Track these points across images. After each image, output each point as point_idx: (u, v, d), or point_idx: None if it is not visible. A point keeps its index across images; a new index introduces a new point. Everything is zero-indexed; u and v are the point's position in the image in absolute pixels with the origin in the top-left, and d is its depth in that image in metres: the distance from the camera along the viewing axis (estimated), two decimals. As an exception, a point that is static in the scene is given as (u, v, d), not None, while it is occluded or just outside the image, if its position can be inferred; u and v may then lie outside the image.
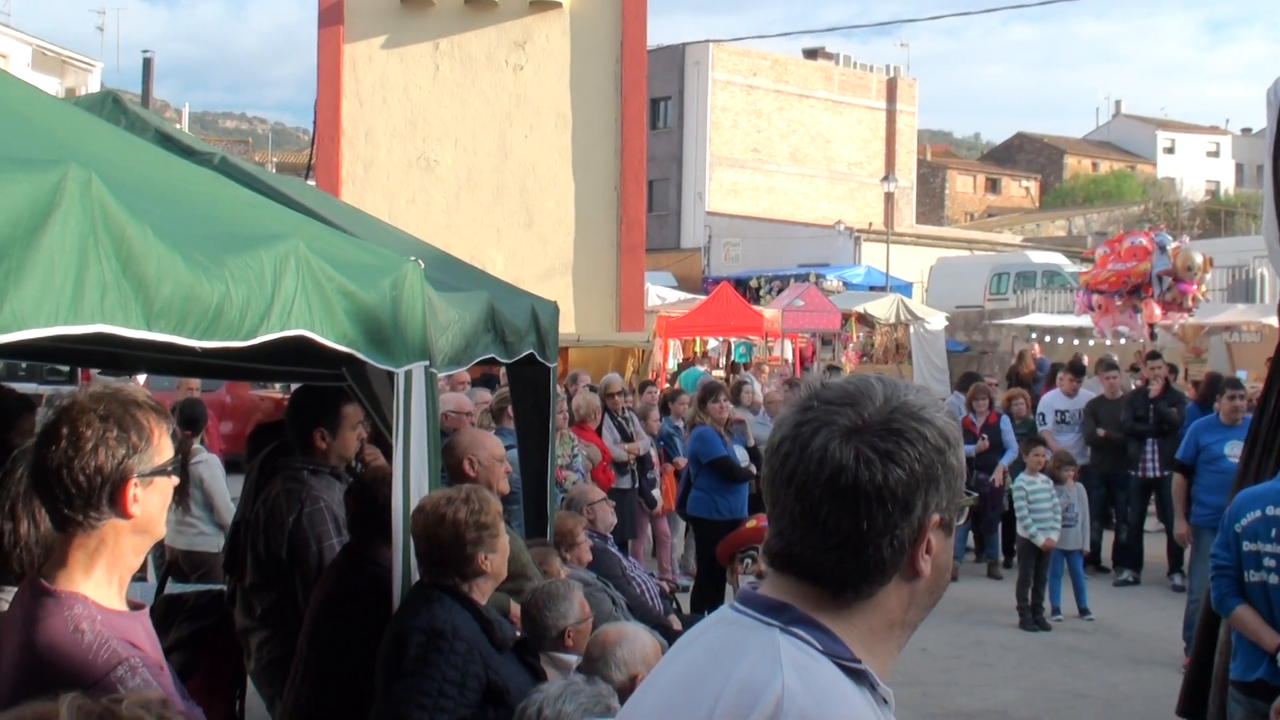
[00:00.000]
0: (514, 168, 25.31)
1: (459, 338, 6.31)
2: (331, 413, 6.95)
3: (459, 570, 5.41)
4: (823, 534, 2.22)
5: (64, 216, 2.90)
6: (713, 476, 14.05)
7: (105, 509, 3.36)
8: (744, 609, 2.34)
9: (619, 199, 25.49)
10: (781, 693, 2.12)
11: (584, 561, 9.01)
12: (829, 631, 2.25)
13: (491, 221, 24.55)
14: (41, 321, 2.84)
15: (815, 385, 2.34)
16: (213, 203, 4.77)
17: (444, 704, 5.12)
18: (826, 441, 2.21)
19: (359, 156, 25.23)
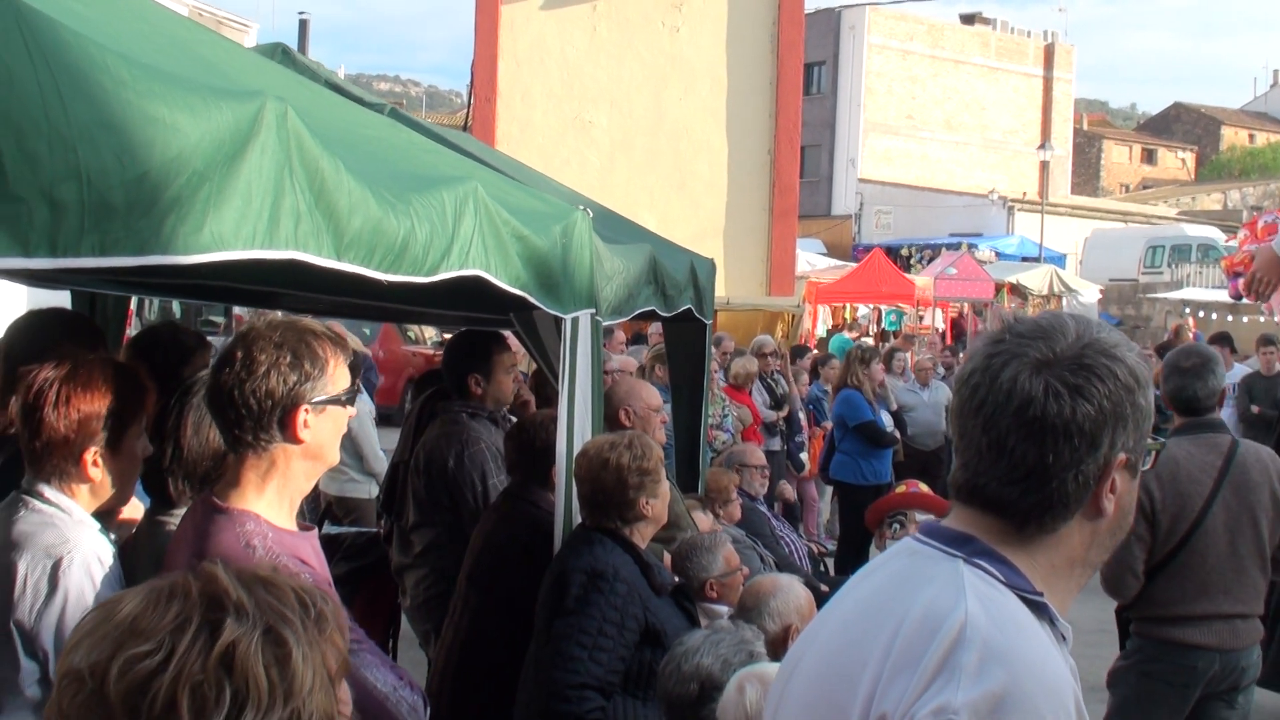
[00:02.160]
0: (668, 130, 25.28)
1: (623, 288, 6.38)
2: (485, 358, 7.08)
3: (620, 514, 5.49)
4: (1008, 466, 2.25)
5: (261, 146, 2.98)
6: (858, 440, 14.03)
7: (275, 433, 3.45)
8: (928, 540, 2.38)
9: (772, 163, 25.38)
10: (965, 620, 2.15)
11: (734, 519, 9.05)
12: (1011, 564, 2.27)
13: (645, 183, 24.56)
14: (239, 244, 2.92)
15: (1008, 319, 2.36)
16: (390, 146, 4.87)
17: (603, 643, 5.20)
18: (1016, 373, 2.24)
19: (515, 117, 25.34)
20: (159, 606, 1.86)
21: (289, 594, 1.94)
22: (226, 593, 1.88)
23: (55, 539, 3.61)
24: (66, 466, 3.73)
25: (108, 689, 1.79)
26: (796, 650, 2.52)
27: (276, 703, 1.81)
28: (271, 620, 1.87)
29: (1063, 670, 2.19)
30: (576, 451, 5.66)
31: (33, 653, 3.52)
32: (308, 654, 1.88)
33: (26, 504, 3.72)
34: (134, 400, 3.83)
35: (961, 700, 2.06)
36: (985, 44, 70.26)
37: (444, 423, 7.06)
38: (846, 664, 2.27)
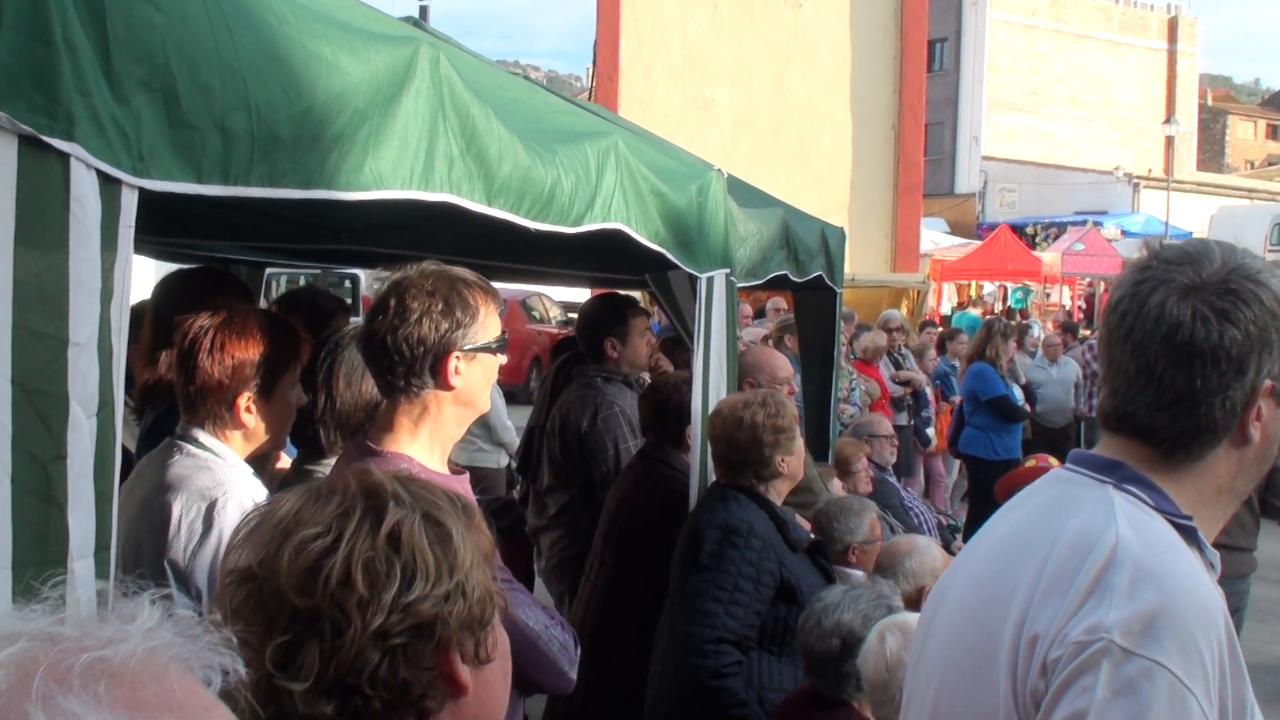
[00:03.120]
0: (791, 106, 25.22)
1: (756, 250, 6.40)
2: (621, 322, 7.12)
3: (756, 471, 5.50)
4: (1157, 392, 2.25)
5: (416, 89, 3.04)
6: (989, 415, 13.94)
7: (427, 378, 3.49)
8: (1077, 468, 2.39)
9: (896, 138, 25.26)
10: (1116, 542, 2.16)
11: (863, 490, 9.02)
12: (1160, 490, 2.28)
13: (767, 161, 24.49)
14: (398, 184, 2.98)
15: (1154, 246, 2.36)
16: (530, 105, 4.92)
17: (739, 598, 5.22)
18: (1164, 299, 2.24)
19: (636, 96, 25.37)
20: (319, 501, 1.97)
21: (436, 489, 2.06)
22: (383, 485, 1.99)
23: (210, 482, 3.68)
24: (220, 412, 3.80)
25: (279, 577, 1.89)
26: (945, 580, 2.55)
27: (443, 575, 1.92)
28: (427, 506, 1.98)
29: (1213, 592, 2.18)
30: (711, 411, 5.68)
31: (186, 591, 3.59)
32: (464, 535, 1.99)
33: (181, 448, 3.80)
34: (288, 349, 3.91)
35: (1114, 619, 2.07)
36: (1108, 18, 69.23)
37: (579, 386, 7.12)
38: (996, 590, 2.29)
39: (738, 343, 6.60)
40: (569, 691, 3.92)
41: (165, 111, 2.26)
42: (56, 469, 2.07)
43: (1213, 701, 2.06)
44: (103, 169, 2.11)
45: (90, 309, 2.09)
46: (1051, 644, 2.12)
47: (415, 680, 1.91)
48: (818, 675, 4.77)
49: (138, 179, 2.22)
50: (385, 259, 7.41)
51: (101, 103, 2.10)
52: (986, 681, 2.23)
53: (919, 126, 25.84)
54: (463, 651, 1.97)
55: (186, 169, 2.34)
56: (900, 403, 14.84)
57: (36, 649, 1.03)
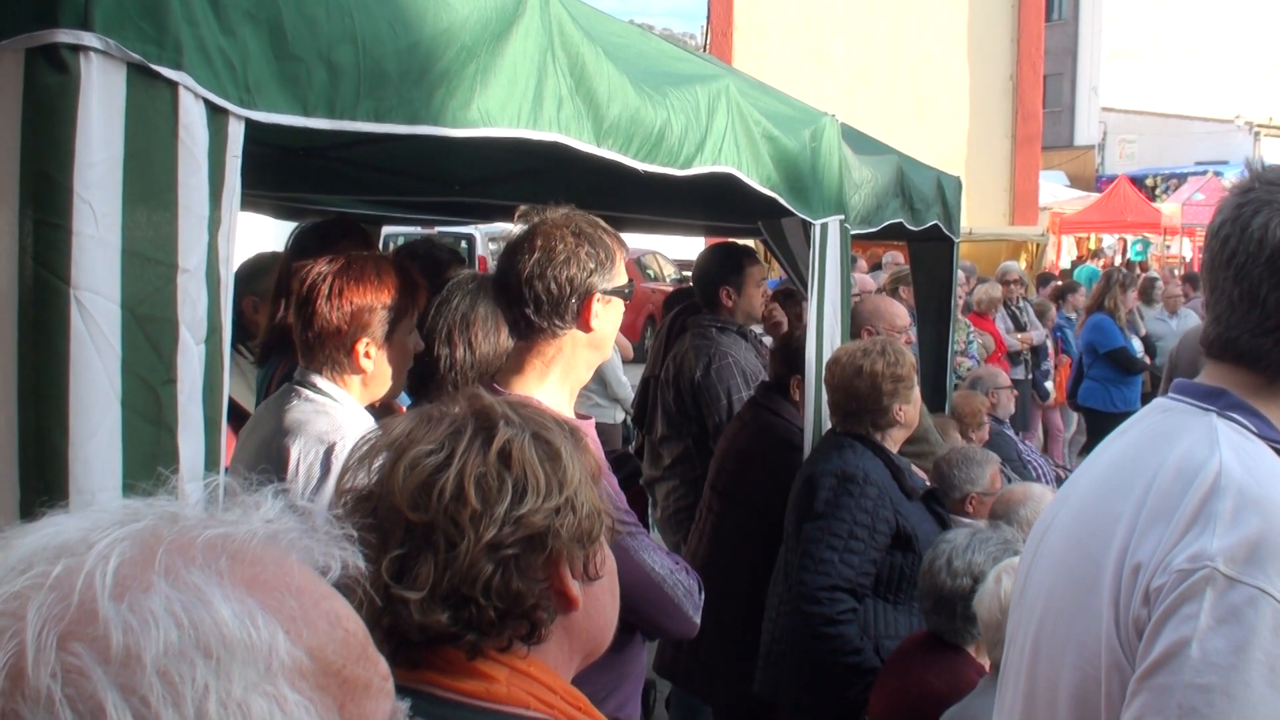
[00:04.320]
0: (907, 58, 25.03)
1: (871, 197, 6.34)
2: (737, 270, 7.08)
3: (873, 420, 5.46)
4: (1261, 316, 2.20)
5: (525, 28, 3.03)
6: (1108, 367, 13.80)
7: (569, 319, 3.51)
8: (1180, 397, 2.34)
9: (1015, 89, 25.00)
10: (1219, 469, 2.12)
11: (981, 441, 8.95)
12: (1264, 417, 2.23)
13: (884, 114, 24.29)
14: (506, 122, 2.97)
15: (1256, 168, 2.30)
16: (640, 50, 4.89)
17: (854, 545, 5.19)
18: (1268, 220, 2.18)
19: (751, 51, 25.28)
20: (431, 423, 2.04)
21: (546, 414, 2.13)
22: (492, 408, 2.06)
23: (328, 426, 3.71)
24: (338, 357, 3.83)
25: (394, 494, 1.95)
26: (1049, 514, 2.52)
27: (553, 490, 1.98)
28: (536, 427, 2.05)
29: None
30: (827, 359, 5.65)
31: None
32: (573, 453, 2.05)
33: (299, 393, 3.83)
34: (405, 296, 3.92)
35: (1217, 546, 2.04)
36: (1232, -39, 67.85)
37: (694, 336, 7.10)
38: (1100, 518, 2.26)
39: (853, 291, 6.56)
40: (693, 635, 3.93)
41: (271, 43, 2.28)
42: (167, 393, 2.11)
43: None
44: (210, 98, 2.13)
45: (199, 236, 2.12)
46: (1155, 572, 2.09)
47: (528, 590, 1.98)
48: (942, 617, 4.73)
49: (245, 110, 2.24)
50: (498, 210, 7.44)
51: (209, 33, 2.12)
52: (1089, 611, 2.21)
53: (1037, 77, 25.56)
54: (572, 566, 2.04)
55: (293, 101, 2.35)
56: (1017, 356, 14.72)
57: (161, 526, 1.06)
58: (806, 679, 5.34)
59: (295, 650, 1.03)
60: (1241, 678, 1.96)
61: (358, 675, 1.09)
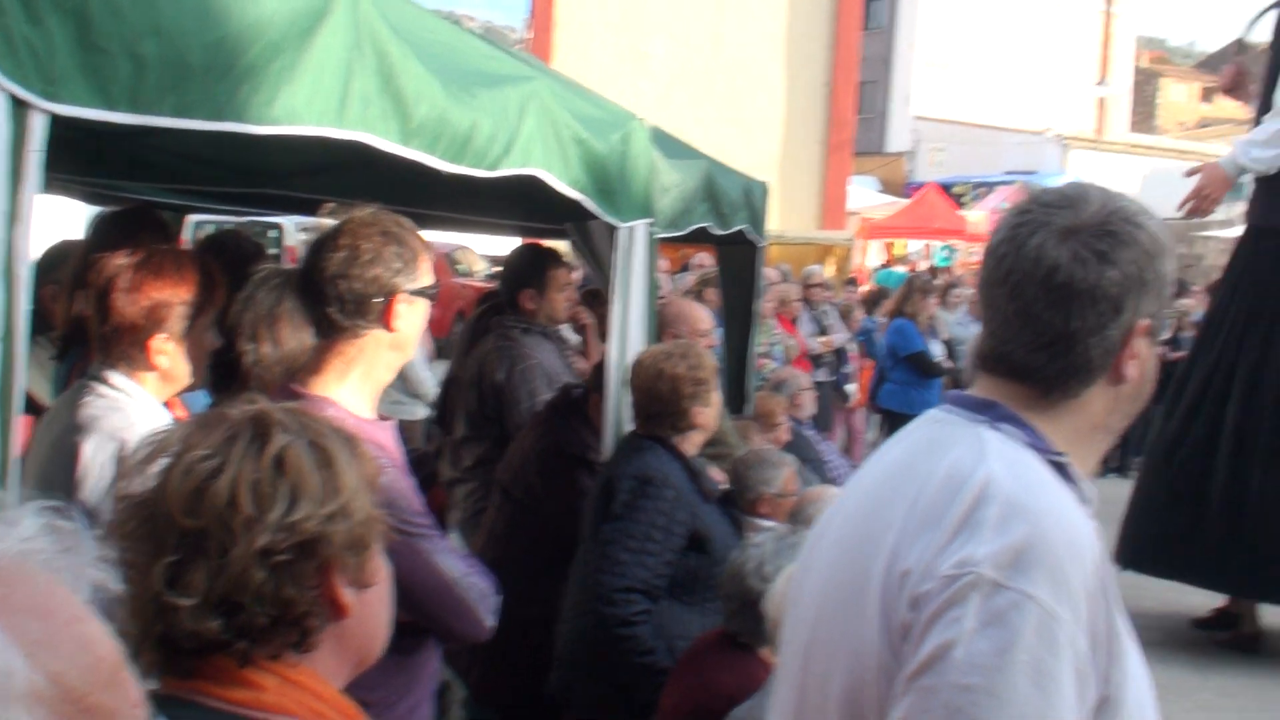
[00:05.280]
0: (725, 61, 25.22)
1: (679, 201, 6.40)
2: (540, 273, 7.10)
3: (673, 423, 5.52)
4: (1034, 332, 2.29)
5: (333, 25, 3.03)
6: (909, 370, 14.07)
7: (373, 319, 3.51)
8: (952, 408, 2.42)
9: (829, 95, 25.32)
10: (987, 478, 2.19)
11: (781, 443, 9.06)
12: (1033, 428, 2.32)
13: (700, 115, 24.47)
14: (310, 120, 2.97)
15: (1034, 190, 2.40)
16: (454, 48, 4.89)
17: (650, 547, 5.25)
18: (1043, 241, 2.27)
19: (572, 48, 25.29)
20: (206, 428, 2.04)
21: (323, 421, 2.15)
22: (269, 413, 2.07)
23: (122, 422, 3.66)
24: (134, 353, 3.78)
25: (168, 499, 1.95)
26: (824, 520, 2.57)
27: (327, 498, 2.00)
28: (312, 434, 2.06)
29: (1083, 525, 2.22)
30: (629, 361, 5.70)
31: None
32: (349, 460, 2.07)
33: (93, 389, 3.78)
34: (204, 291, 3.89)
35: (984, 553, 2.10)
36: (1047, -24, 69.40)
37: (497, 338, 7.10)
38: (871, 524, 2.32)
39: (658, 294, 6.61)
40: (486, 638, 3.94)
41: (77, 34, 2.25)
42: (-45, 391, 2.05)
43: (1082, 631, 2.10)
44: (14, 91, 2.10)
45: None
46: (923, 577, 2.15)
47: (299, 598, 1.99)
48: (744, 619, 4.80)
49: (48, 103, 2.21)
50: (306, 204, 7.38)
51: (15, 22, 2.09)
52: (859, 616, 2.26)
53: (852, 84, 25.94)
54: (345, 573, 2.05)
55: (97, 94, 2.32)
56: (820, 359, 14.93)
57: None
58: (599, 680, 5.38)
59: (34, 675, 1.02)
60: (1006, 678, 2.03)
61: (103, 703, 1.08)
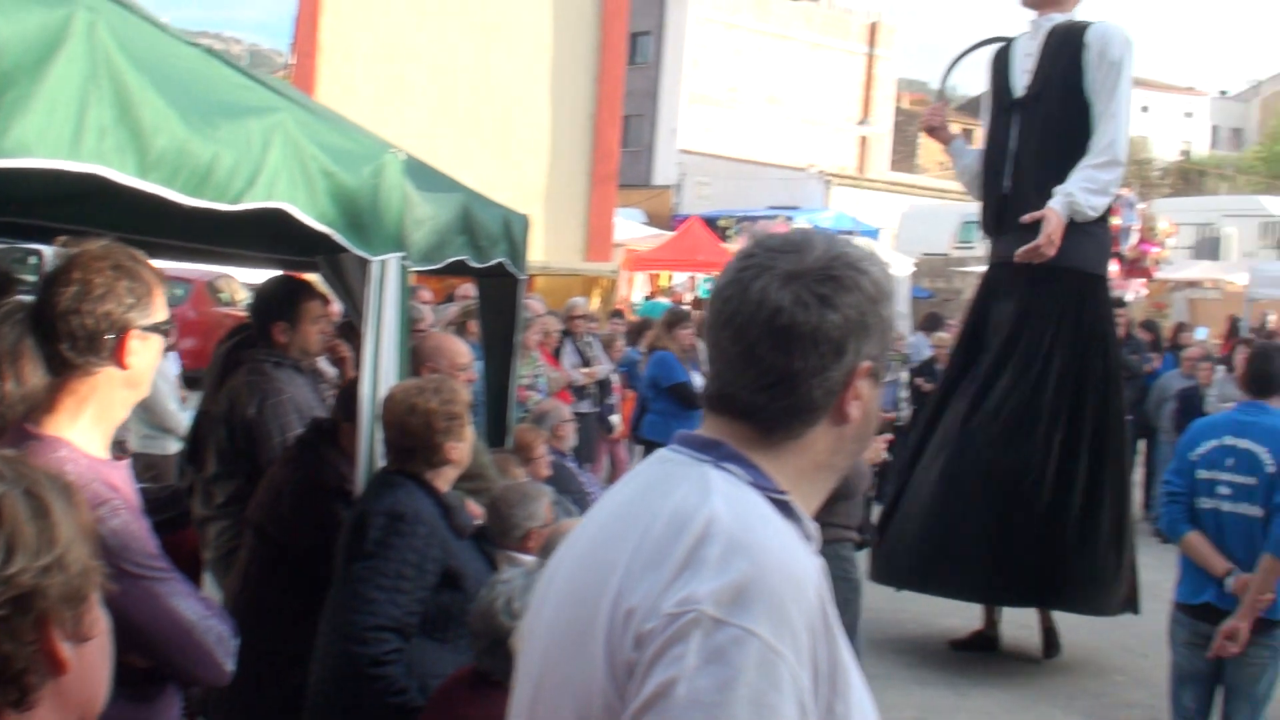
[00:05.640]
0: (491, 93, 25.23)
1: (433, 234, 6.35)
2: (292, 305, 7.01)
3: (426, 458, 5.49)
4: (758, 373, 2.33)
5: (69, 55, 2.96)
6: (670, 401, 14.19)
7: (105, 356, 3.44)
8: (678, 448, 2.45)
9: (594, 128, 25.47)
10: (710, 517, 2.22)
11: (542, 475, 9.06)
12: (758, 468, 2.36)
13: (465, 146, 24.43)
14: (44, 152, 2.90)
15: (759, 235, 2.45)
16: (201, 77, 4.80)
17: (402, 585, 5.21)
18: (766, 284, 2.31)
19: (337, 76, 25.09)
20: None
21: (39, 469, 2.05)
22: None
23: None
24: None
25: None
26: (559, 554, 2.57)
27: (43, 549, 1.91)
28: (28, 483, 1.97)
29: (806, 563, 2.26)
30: (381, 396, 5.66)
31: None
32: (65, 510, 1.99)
33: None
34: None
35: (705, 590, 2.13)
36: (810, 20, 70.89)
37: (248, 372, 6.98)
38: (598, 564, 2.33)
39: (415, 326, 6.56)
40: (226, 683, 3.87)
41: None
42: None
43: (804, 665, 2.14)
44: None
45: None
46: (646, 617, 2.17)
47: (16, 654, 1.91)
48: (498, 658, 4.77)
49: None
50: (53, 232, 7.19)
51: None
52: (586, 655, 2.27)
53: (616, 117, 26.14)
54: (63, 627, 1.97)
55: None
56: (583, 390, 14.99)
57: None
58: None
59: None
60: (728, 714, 2.05)
61: None
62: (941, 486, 10.51)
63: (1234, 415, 7.44)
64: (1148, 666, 10.37)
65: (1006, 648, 11.40)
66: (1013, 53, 11.09)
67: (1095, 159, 10.55)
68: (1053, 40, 10.79)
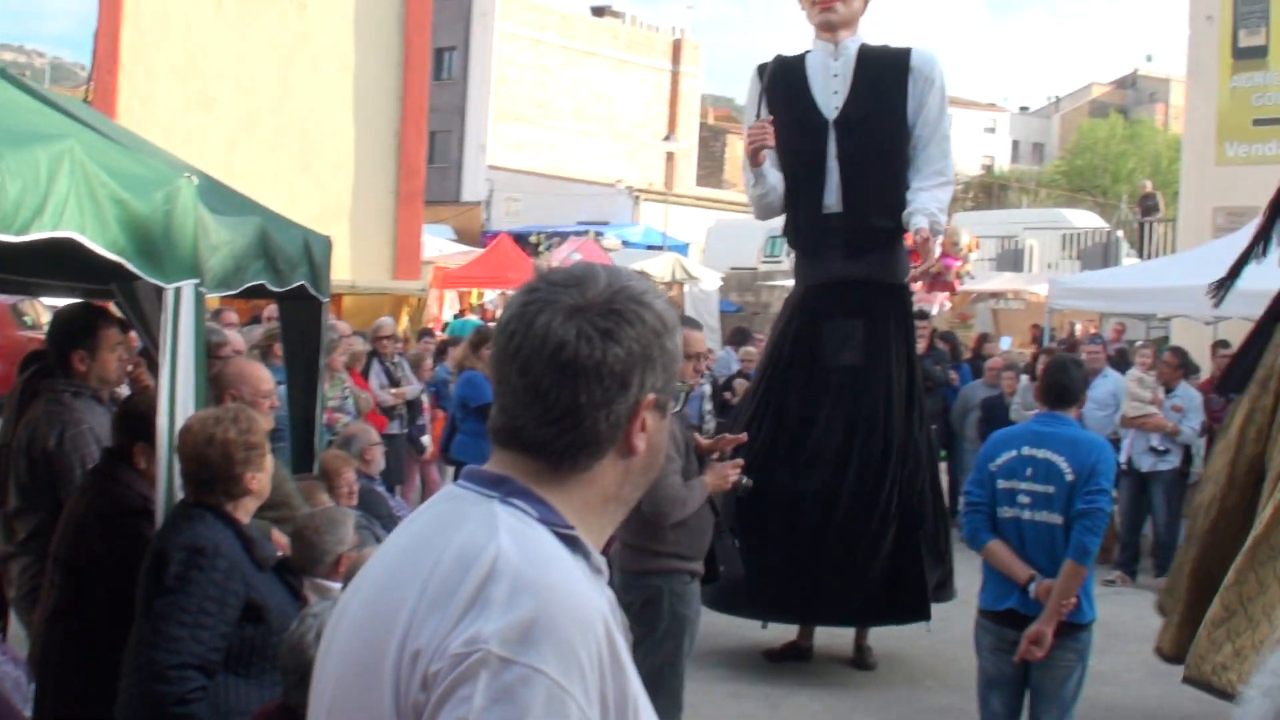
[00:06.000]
0: (294, 109, 24.91)
1: (230, 259, 6.24)
2: (90, 334, 6.83)
3: (225, 489, 5.38)
4: (544, 407, 2.34)
5: None
6: (480, 421, 14.10)
7: None
8: (466, 484, 2.44)
9: (399, 145, 25.31)
10: (496, 554, 2.23)
11: (349, 502, 8.95)
12: (546, 502, 2.36)
13: (269, 164, 24.09)
14: None
15: (543, 270, 2.46)
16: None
17: (204, 620, 5.09)
18: (550, 319, 2.33)
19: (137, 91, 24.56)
20: None
21: None
22: None
23: None
24: None
25: None
26: (348, 593, 2.55)
27: None
28: None
29: (592, 599, 2.28)
30: (179, 427, 5.53)
31: None
32: None
33: None
34: None
35: (491, 629, 2.13)
36: (615, 36, 71.24)
37: (47, 402, 6.79)
38: (386, 604, 2.32)
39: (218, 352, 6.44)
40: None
41: None
42: None
43: (593, 702, 2.16)
44: None
45: None
46: (433, 658, 2.17)
47: None
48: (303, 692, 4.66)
49: None
50: None
51: None
52: (374, 697, 2.26)
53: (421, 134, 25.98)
54: None
55: None
56: (393, 411, 14.88)
57: None
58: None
59: None
60: None
61: None
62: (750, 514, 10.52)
63: (1031, 426, 7.62)
64: (957, 671, 10.49)
65: (820, 656, 11.52)
66: (808, 72, 11.10)
67: (933, 180, 10.84)
68: (867, 63, 10.90)
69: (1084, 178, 77.59)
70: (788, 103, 11.08)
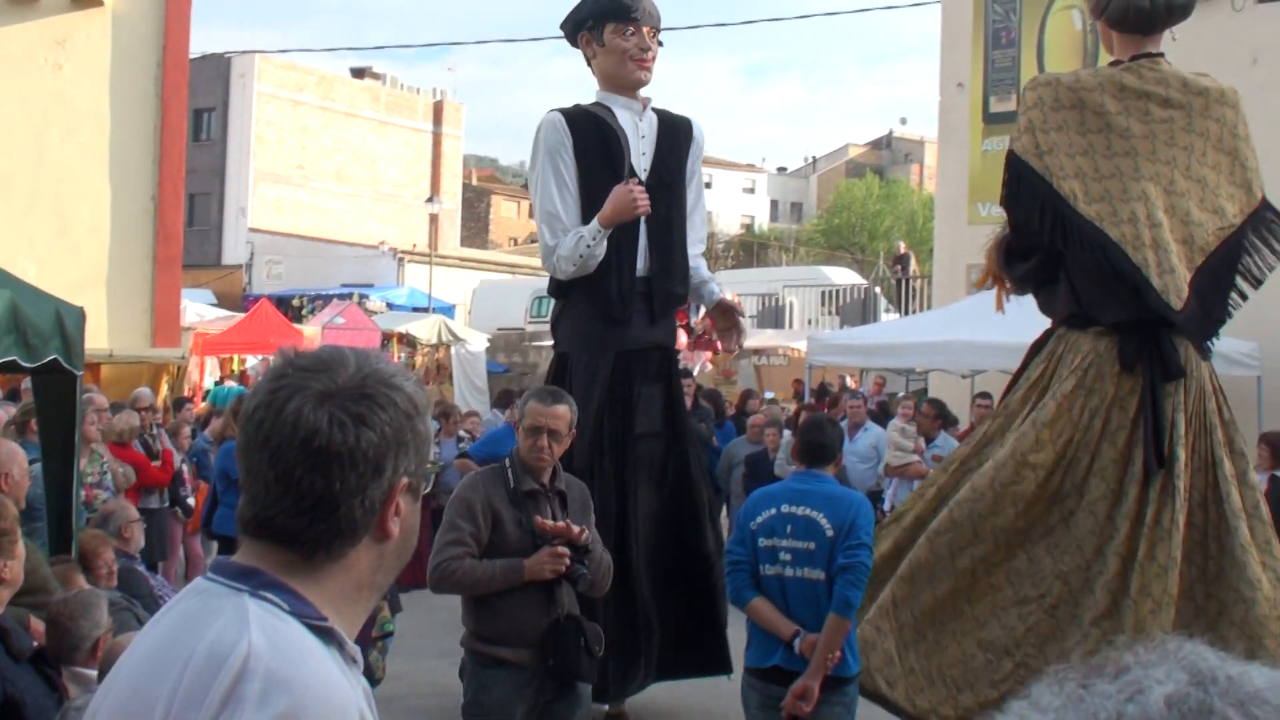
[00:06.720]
0: (49, 172, 24.25)
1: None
2: None
3: (-27, 580, 5.16)
4: (296, 497, 2.31)
5: None
6: (240, 494, 13.84)
7: None
8: (215, 577, 2.40)
9: (156, 209, 24.80)
10: (248, 652, 2.19)
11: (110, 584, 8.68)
12: (298, 594, 2.33)
13: (24, 228, 23.39)
14: None
15: (289, 354, 2.44)
16: None
17: (-48, 721, 4.88)
18: (300, 405, 2.30)
19: (-120, 154, 23.76)
20: None
21: None
22: None
23: None
24: None
25: None
26: (100, 692, 2.48)
27: None
28: None
29: (348, 693, 2.27)
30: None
31: None
32: None
33: None
34: None
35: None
36: (376, 98, 70.95)
37: None
38: (139, 705, 2.26)
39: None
40: None
41: None
42: None
43: None
44: None
45: None
46: None
47: None
48: None
49: None
50: None
51: None
52: None
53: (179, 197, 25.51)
54: None
55: None
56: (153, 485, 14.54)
57: None
58: None
59: None
60: None
61: None
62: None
63: (790, 484, 7.70)
64: (730, 730, 10.53)
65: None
66: (620, 131, 10.58)
67: (697, 248, 11.08)
68: (665, 126, 10.81)
69: (842, 236, 79.56)
70: (604, 158, 10.53)
